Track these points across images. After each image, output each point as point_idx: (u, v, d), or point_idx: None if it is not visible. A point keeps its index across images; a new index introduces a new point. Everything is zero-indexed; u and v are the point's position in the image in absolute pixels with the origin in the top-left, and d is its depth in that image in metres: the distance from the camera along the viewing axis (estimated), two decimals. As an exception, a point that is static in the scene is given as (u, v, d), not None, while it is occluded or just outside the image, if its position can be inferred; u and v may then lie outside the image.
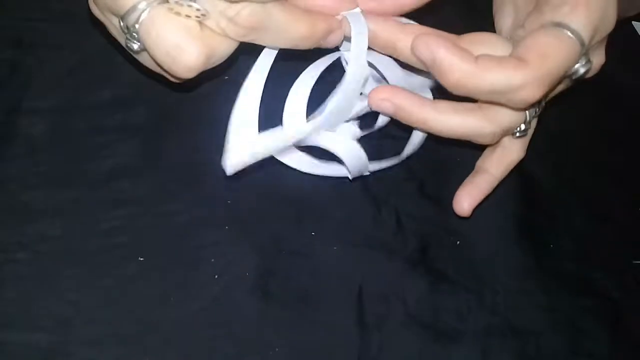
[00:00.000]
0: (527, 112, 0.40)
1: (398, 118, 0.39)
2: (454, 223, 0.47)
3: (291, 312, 0.42)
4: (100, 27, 0.37)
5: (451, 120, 0.38)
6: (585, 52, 0.36)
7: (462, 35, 0.38)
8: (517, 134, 0.41)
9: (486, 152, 0.44)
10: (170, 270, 0.42)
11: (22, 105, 0.45)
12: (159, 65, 0.35)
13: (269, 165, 0.43)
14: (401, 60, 0.39)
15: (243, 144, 0.37)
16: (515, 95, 0.35)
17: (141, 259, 0.41)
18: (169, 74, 0.35)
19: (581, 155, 0.52)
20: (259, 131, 0.37)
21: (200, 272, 0.42)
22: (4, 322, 0.39)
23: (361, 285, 0.43)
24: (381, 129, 0.44)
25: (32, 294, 0.40)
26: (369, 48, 0.39)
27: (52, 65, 0.46)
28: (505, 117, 0.39)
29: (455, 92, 0.36)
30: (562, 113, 0.47)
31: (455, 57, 0.35)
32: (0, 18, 0.47)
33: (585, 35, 0.36)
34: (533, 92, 0.35)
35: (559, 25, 0.36)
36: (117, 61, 0.46)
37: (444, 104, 0.39)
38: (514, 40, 0.38)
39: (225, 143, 0.37)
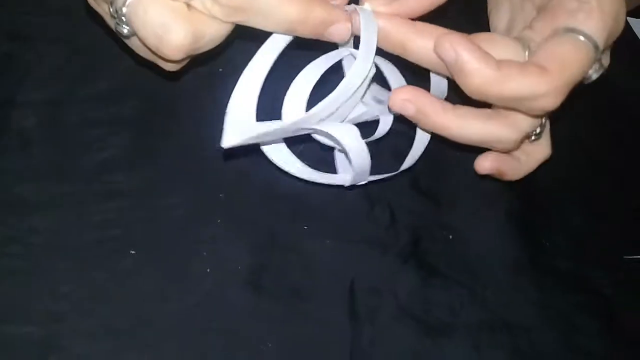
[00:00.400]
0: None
1: (417, 121, 0.38)
2: (447, 218, 0.47)
3: (284, 307, 0.42)
4: (97, 18, 0.37)
5: (473, 127, 0.37)
6: (599, 57, 0.36)
7: (474, 35, 0.37)
8: (533, 138, 0.41)
9: None
10: (163, 264, 0.42)
11: (16, 98, 0.45)
12: (148, 48, 0.35)
13: (263, 161, 0.43)
14: (410, 60, 0.38)
15: (239, 124, 0.36)
16: (535, 104, 0.35)
17: (133, 252, 0.41)
18: (159, 56, 0.35)
19: (576, 152, 0.53)
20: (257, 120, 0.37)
21: (193, 267, 0.42)
22: (-4, 315, 0.39)
23: (353, 279, 0.44)
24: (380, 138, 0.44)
25: (25, 287, 0.40)
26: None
27: (46, 59, 0.46)
28: (525, 122, 0.38)
29: (474, 96, 0.35)
30: (559, 111, 0.47)
31: (479, 61, 0.34)
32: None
33: (600, 41, 0.36)
34: (553, 101, 0.35)
35: (574, 31, 0.36)
36: (111, 54, 0.47)
37: (465, 110, 0.37)
38: (522, 41, 0.38)
39: (224, 120, 0.36)
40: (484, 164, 0.41)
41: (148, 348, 0.39)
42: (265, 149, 0.40)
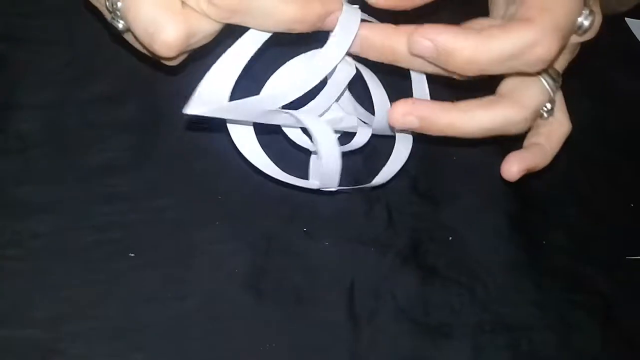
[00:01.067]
0: (548, 87, 0.38)
1: (423, 130, 0.36)
2: (446, 219, 0.47)
3: (283, 308, 0.42)
4: (94, 10, 0.37)
5: (480, 117, 0.36)
6: (585, 3, 0.36)
7: (460, 25, 0.37)
8: (545, 115, 0.39)
9: (530, 133, 0.42)
10: (161, 266, 0.42)
11: (14, 101, 0.44)
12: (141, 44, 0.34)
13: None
14: (401, 66, 0.37)
15: (209, 95, 0.35)
16: (530, 55, 0.34)
17: (132, 255, 0.41)
18: (151, 53, 0.35)
19: (575, 151, 0.52)
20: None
21: (192, 269, 0.42)
22: (-4, 318, 0.39)
23: (352, 280, 0.44)
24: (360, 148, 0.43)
25: (25, 290, 0.40)
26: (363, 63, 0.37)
27: (44, 61, 0.46)
28: (532, 98, 0.37)
29: (468, 72, 0.34)
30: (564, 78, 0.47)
31: (457, 35, 0.33)
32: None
33: None
34: (548, 47, 0.33)
35: None
36: (108, 56, 0.47)
37: (465, 103, 0.36)
38: (509, 17, 0.37)
39: (196, 88, 0.35)
40: (512, 170, 0.39)
41: (147, 351, 0.39)
42: (240, 146, 0.39)
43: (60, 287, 0.40)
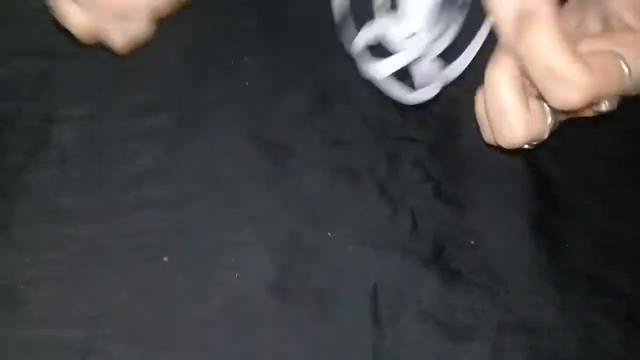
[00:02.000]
0: None
1: None
2: (469, 222, 0.48)
3: (308, 310, 0.43)
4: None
5: None
6: None
7: None
8: None
9: None
10: (193, 269, 0.44)
11: (54, 114, 0.47)
12: None
13: (289, 168, 0.44)
14: None
15: None
16: None
17: (165, 259, 0.43)
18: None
19: (596, 152, 0.52)
20: None
21: (222, 272, 0.44)
22: (39, 319, 0.41)
23: (376, 283, 0.45)
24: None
25: (65, 292, 0.42)
26: None
27: (82, 75, 0.49)
28: None
29: None
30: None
31: None
32: (31, 29, 0.50)
33: None
34: None
35: None
36: (144, 69, 0.49)
37: None
38: None
39: None
40: None
41: (179, 350, 0.41)
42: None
43: (97, 290, 0.42)
